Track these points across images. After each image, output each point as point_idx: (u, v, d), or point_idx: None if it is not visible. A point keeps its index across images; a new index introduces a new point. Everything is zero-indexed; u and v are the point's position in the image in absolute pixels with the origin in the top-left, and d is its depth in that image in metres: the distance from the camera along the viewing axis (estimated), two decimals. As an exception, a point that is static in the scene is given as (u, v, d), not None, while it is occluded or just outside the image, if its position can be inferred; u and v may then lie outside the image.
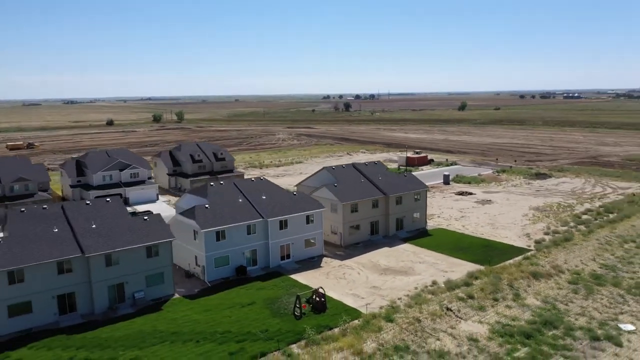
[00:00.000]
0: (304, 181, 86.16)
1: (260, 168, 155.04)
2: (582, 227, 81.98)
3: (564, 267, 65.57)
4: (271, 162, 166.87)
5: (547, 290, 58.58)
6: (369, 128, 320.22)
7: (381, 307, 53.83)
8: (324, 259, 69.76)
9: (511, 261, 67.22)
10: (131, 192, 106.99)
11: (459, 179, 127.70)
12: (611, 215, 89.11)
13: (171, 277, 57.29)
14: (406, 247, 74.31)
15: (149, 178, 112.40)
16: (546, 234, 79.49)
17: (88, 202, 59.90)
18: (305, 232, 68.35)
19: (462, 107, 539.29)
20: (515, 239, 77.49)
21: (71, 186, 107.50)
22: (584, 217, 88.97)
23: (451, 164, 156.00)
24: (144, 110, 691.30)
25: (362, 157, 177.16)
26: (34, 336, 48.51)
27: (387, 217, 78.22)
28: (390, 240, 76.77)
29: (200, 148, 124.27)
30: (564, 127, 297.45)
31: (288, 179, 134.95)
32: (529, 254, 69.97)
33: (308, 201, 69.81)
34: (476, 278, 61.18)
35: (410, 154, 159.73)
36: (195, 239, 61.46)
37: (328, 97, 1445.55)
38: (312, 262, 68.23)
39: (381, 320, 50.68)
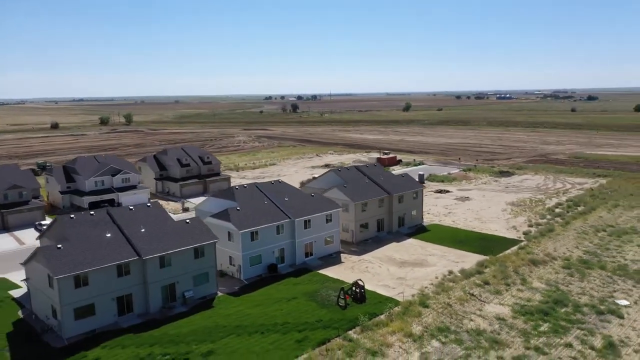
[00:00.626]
0: (311, 182, 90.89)
1: (237, 171, 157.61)
2: (559, 219, 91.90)
3: (554, 254, 74.34)
4: (246, 164, 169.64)
5: (547, 275, 66.78)
6: (324, 129, 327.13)
7: (413, 295, 59.89)
8: (341, 255, 75.12)
9: (509, 251, 75.33)
10: (124, 197, 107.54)
11: (433, 178, 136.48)
12: (579, 208, 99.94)
13: (214, 277, 60.76)
14: (411, 241, 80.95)
15: (139, 183, 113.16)
16: (530, 226, 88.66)
17: (131, 207, 62.06)
18: (325, 231, 73.41)
19: (407, 108, 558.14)
20: (504, 231, 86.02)
21: (61, 192, 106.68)
22: (557, 210, 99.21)
23: (419, 164, 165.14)
24: (81, 112, 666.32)
25: (331, 158, 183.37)
26: (100, 337, 50.85)
27: (390, 214, 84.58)
28: (395, 236, 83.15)
29: (186, 152, 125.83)
30: (507, 127, 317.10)
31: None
32: (522, 244, 78.49)
33: (326, 202, 74.87)
34: (486, 267, 68.58)
35: (380, 155, 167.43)
36: (230, 239, 64.98)
37: (270, 97, 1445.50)
38: (332, 259, 73.36)
39: (418, 307, 56.73)
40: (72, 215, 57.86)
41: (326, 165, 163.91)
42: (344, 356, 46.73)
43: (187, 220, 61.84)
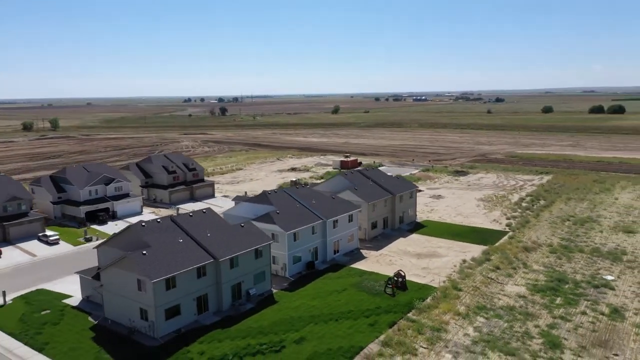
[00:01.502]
0: (319, 186, 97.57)
1: (207, 176, 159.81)
2: (529, 212, 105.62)
3: (539, 241, 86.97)
4: (214, 170, 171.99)
5: (541, 259, 78.78)
6: (265, 133, 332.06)
7: (444, 282, 69.14)
8: (361, 251, 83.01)
9: (502, 241, 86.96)
10: (118, 206, 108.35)
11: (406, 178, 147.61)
12: (541, 202, 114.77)
13: (269, 275, 66.43)
14: (416, 236, 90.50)
15: (130, 191, 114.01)
16: (508, 219, 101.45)
17: (191, 214, 66.03)
18: (348, 230, 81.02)
19: (335, 111, 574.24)
20: (489, 224, 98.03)
21: (53, 203, 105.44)
22: (524, 204, 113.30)
23: (378, 166, 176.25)
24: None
25: (294, 161, 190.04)
26: (189, 334, 55.23)
27: (394, 213, 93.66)
28: (399, 232, 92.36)
29: (170, 159, 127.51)
30: (437, 129, 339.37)
31: (247, 185, 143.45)
32: (509, 234, 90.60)
33: (346, 203, 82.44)
34: (491, 255, 79.44)
35: (343, 158, 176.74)
36: (275, 240, 70.68)
37: (189, 100, 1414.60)
38: (355, 254, 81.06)
39: (453, 290, 66.01)
40: (143, 224, 61.12)
41: (292, 169, 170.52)
42: (415, 333, 54.84)
43: (242, 225, 66.92)
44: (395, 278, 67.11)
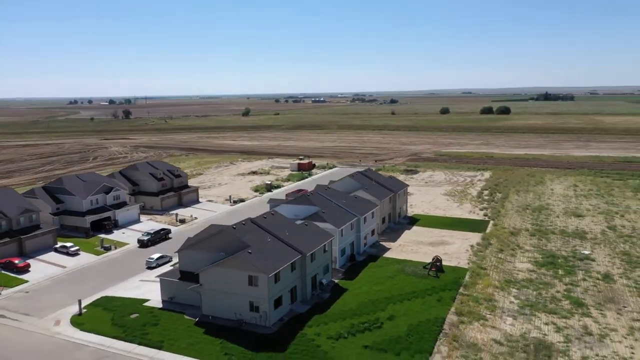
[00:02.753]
0: (333, 185, 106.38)
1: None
2: (494, 204, 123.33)
3: (517, 227, 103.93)
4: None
5: (527, 241, 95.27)
6: (191, 137, 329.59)
7: (467, 264, 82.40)
8: (381, 243, 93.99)
9: (490, 228, 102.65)
10: (119, 214, 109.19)
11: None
12: (499, 195, 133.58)
13: (330, 267, 75.22)
14: (417, 229, 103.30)
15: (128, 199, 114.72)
16: (480, 210, 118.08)
17: (265, 216, 72.58)
18: (372, 225, 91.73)
19: (246, 113, 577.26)
20: (469, 215, 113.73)
21: (52, 214, 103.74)
22: (485, 197, 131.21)
23: (332, 167, 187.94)
24: None
25: (247, 165, 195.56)
26: (293, 320, 62.74)
27: (394, 209, 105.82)
28: (402, 226, 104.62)
29: (154, 167, 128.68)
30: (357, 131, 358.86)
31: (220, 189, 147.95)
32: (492, 222, 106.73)
33: (368, 202, 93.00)
34: (489, 240, 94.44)
35: (297, 161, 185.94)
36: (326, 237, 79.35)
37: (75, 102, 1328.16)
38: (378, 246, 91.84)
39: (480, 270, 79.50)
40: (234, 226, 66.97)
41: (253, 172, 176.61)
42: (475, 304, 67.21)
43: (306, 224, 74.96)
44: (435, 262, 79.07)
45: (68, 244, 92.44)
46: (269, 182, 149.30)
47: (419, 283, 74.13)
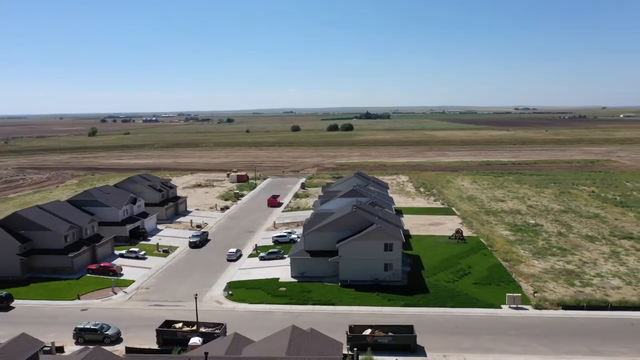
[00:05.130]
0: (334, 185, 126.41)
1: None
2: (439, 196, 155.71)
3: (474, 210, 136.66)
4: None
5: (491, 219, 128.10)
6: (71, 157, 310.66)
7: (474, 233, 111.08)
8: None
9: (457, 212, 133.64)
10: (146, 223, 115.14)
11: (309, 184, 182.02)
12: (434, 190, 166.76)
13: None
14: (409, 216, 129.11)
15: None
16: (434, 201, 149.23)
17: (359, 205, 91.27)
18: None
19: (93, 133, 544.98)
20: (433, 204, 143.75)
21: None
22: (424, 192, 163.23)
23: (265, 178, 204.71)
24: None
25: (180, 180, 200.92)
26: (409, 276, 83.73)
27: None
28: (398, 214, 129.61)
29: (148, 180, 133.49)
30: (237, 147, 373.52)
31: (189, 201, 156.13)
32: (453, 208, 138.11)
33: (386, 198, 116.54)
34: (470, 219, 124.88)
35: (238, 173, 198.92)
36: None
37: None
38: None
39: (486, 236, 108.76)
40: (354, 210, 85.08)
41: (198, 186, 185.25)
42: (509, 254, 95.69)
43: (380, 209, 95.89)
44: (458, 233, 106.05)
45: (135, 249, 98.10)
46: (237, 191, 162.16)
47: (458, 247, 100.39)
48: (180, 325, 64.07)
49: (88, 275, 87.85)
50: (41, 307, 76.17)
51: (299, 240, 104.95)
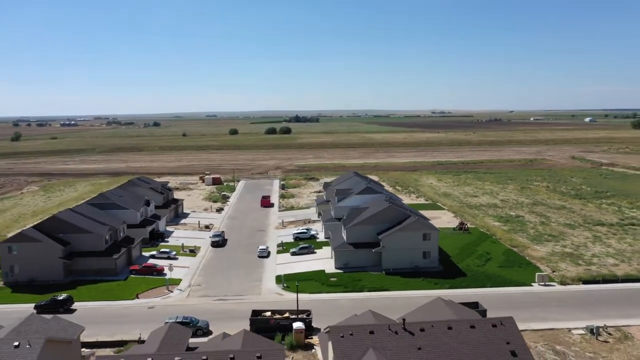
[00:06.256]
0: (336, 184, 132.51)
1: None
2: (420, 193, 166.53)
3: (457, 205, 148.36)
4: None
5: (475, 212, 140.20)
6: (9, 162, 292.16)
7: (474, 226, 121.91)
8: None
9: (445, 207, 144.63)
10: (160, 224, 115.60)
11: (287, 185, 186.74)
12: (410, 188, 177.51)
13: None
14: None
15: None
16: (417, 197, 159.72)
17: (390, 201, 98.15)
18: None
19: (17, 138, 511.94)
20: (416, 201, 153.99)
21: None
22: (403, 191, 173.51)
23: (238, 180, 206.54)
24: None
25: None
26: (441, 262, 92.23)
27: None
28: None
29: (147, 182, 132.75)
30: (185, 151, 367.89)
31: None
32: (439, 203, 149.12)
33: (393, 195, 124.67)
34: (463, 213, 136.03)
35: (213, 176, 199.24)
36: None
37: None
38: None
39: (485, 226, 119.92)
40: (389, 204, 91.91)
41: (176, 189, 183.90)
42: (514, 241, 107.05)
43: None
44: (462, 224, 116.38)
45: (166, 250, 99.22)
46: (225, 193, 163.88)
47: (466, 237, 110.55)
48: (269, 313, 67.97)
49: (132, 275, 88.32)
50: (103, 307, 76.59)
51: (318, 236, 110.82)
